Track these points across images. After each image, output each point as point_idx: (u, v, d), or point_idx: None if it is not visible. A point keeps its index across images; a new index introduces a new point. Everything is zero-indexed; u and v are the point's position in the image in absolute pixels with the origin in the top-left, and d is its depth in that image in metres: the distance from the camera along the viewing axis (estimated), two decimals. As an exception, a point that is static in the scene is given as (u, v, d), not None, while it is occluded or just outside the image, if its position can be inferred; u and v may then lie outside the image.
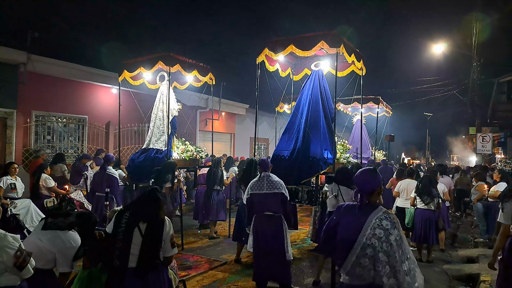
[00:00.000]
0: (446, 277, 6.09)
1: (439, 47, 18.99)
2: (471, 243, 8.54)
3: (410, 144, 40.03)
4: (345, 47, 6.27)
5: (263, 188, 4.96)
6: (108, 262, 3.12)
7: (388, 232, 2.50)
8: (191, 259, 6.62)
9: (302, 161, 6.52)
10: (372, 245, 2.50)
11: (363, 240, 2.54)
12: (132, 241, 3.06)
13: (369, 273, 2.50)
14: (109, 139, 12.28)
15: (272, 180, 5.00)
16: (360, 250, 2.54)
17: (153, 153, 7.75)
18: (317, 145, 6.61)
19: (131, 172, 8.06)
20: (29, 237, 3.25)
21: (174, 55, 7.40)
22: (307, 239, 7.94)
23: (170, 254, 3.27)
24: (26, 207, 5.99)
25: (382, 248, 2.47)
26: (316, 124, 6.82)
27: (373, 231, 2.53)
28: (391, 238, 2.48)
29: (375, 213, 2.60)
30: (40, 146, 10.42)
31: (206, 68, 8.11)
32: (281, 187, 4.97)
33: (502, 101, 14.32)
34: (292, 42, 6.34)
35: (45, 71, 10.41)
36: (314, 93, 7.14)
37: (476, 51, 17.46)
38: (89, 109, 11.93)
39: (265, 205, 4.94)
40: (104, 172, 7.35)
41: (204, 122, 16.22)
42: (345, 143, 8.25)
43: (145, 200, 3.26)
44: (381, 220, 2.55)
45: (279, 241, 4.86)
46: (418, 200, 6.82)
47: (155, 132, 8.04)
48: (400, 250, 2.48)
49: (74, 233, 3.24)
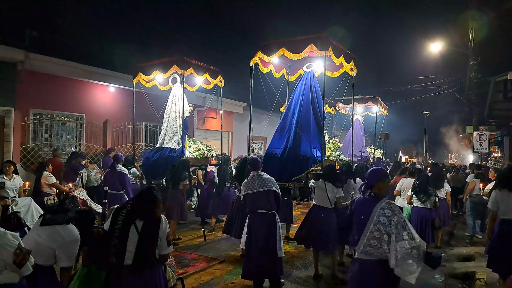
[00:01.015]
0: (442, 275, 6.14)
1: (436, 46, 19.03)
2: (468, 241, 8.64)
3: (408, 142, 40.15)
4: (333, 49, 6.44)
5: (255, 187, 5.06)
6: (105, 259, 3.15)
7: (390, 218, 3.16)
8: (188, 256, 6.66)
9: (293, 159, 6.77)
10: (378, 229, 3.18)
11: (371, 225, 3.22)
12: (128, 238, 3.09)
13: (378, 251, 3.17)
14: (107, 137, 12.28)
15: (263, 178, 5.10)
16: (369, 233, 3.22)
17: (167, 152, 8.14)
18: (307, 143, 6.85)
19: (146, 170, 8.34)
20: (28, 234, 3.27)
21: (188, 59, 7.82)
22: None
23: (166, 252, 3.30)
24: (27, 205, 6.00)
25: (386, 231, 3.14)
26: (307, 123, 7.06)
27: (378, 218, 3.20)
28: (392, 223, 3.14)
29: (379, 204, 3.26)
30: (38, 145, 10.43)
31: (216, 71, 8.58)
32: (272, 184, 5.08)
33: (499, 100, 14.34)
34: (284, 45, 6.57)
35: (43, 69, 10.38)
36: (305, 94, 7.36)
37: (473, 50, 17.52)
38: (87, 107, 11.92)
39: (258, 203, 5.05)
40: (114, 170, 7.54)
41: (201, 120, 16.22)
42: (337, 142, 8.48)
43: (142, 198, 3.29)
44: (384, 209, 3.22)
45: (272, 238, 4.97)
46: (414, 198, 6.88)
47: (168, 131, 8.49)
48: (397, 232, 3.09)
49: (72, 227, 3.26)
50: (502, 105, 15.08)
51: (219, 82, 8.78)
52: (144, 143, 13.55)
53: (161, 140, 8.56)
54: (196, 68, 7.99)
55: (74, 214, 3.36)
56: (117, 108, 12.73)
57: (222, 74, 8.78)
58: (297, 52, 6.53)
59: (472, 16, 17.10)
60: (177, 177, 7.34)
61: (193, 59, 8.11)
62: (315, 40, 6.31)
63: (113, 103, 12.73)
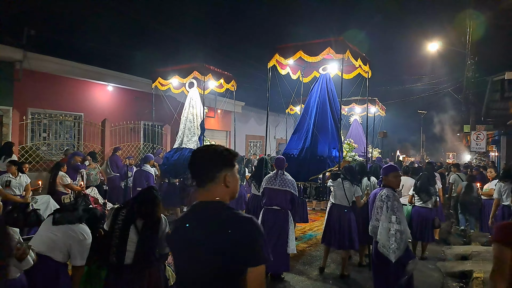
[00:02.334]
0: (439, 273, 6.18)
1: (434, 45, 19.07)
2: (462, 235, 8.78)
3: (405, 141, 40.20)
4: (351, 52, 6.59)
5: (276, 184, 5.42)
6: (105, 258, 3.16)
7: (384, 203, 3.80)
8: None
9: (310, 160, 6.96)
10: (377, 213, 3.85)
11: (374, 210, 3.93)
12: (129, 238, 3.09)
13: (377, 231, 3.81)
14: (105, 136, 12.27)
15: (285, 179, 5.44)
16: (373, 216, 3.96)
17: (187, 152, 8.60)
18: (324, 144, 7.03)
19: (167, 169, 8.79)
20: (40, 232, 3.30)
21: (207, 65, 8.39)
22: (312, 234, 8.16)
23: (166, 252, 3.32)
24: (46, 203, 6.32)
25: (379, 214, 3.81)
26: (324, 124, 7.24)
27: (377, 202, 3.90)
28: (384, 207, 3.78)
29: (380, 191, 3.94)
30: (36, 144, 10.42)
31: (230, 76, 9.21)
32: (292, 187, 5.40)
33: (496, 99, 14.34)
34: (301, 48, 6.74)
35: (41, 68, 10.37)
36: (322, 96, 7.54)
37: (471, 49, 17.56)
38: (85, 106, 11.92)
39: (274, 199, 5.39)
40: (141, 170, 8.20)
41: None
42: (351, 142, 8.57)
43: (142, 198, 3.29)
44: (382, 195, 3.86)
45: (283, 234, 5.27)
46: (416, 198, 6.90)
47: (187, 133, 9.04)
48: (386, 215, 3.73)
49: (84, 226, 3.33)
50: (499, 105, 15.12)
51: (232, 86, 9.37)
52: (143, 142, 13.55)
53: (179, 141, 9.11)
54: (213, 74, 8.62)
55: (82, 213, 3.42)
56: (115, 107, 12.73)
57: (236, 79, 9.39)
58: (315, 55, 6.71)
59: (470, 15, 17.13)
60: None
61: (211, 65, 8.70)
62: (332, 44, 6.46)
63: (112, 102, 12.72)
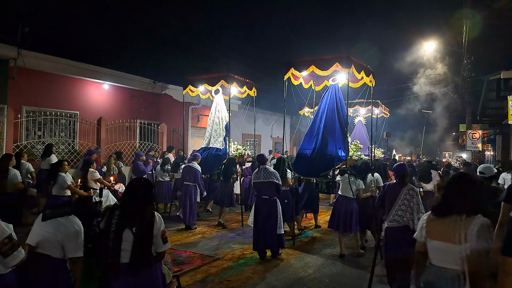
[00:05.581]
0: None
1: (430, 45, 19.13)
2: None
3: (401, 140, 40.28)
4: (355, 66, 7.53)
5: (260, 178, 6.57)
6: (101, 258, 3.12)
7: (412, 197, 4.70)
8: (183, 254, 6.65)
9: (321, 158, 7.93)
10: (404, 204, 4.69)
11: (399, 201, 4.72)
12: (123, 239, 3.03)
13: (402, 219, 4.65)
14: (101, 134, 12.22)
15: (268, 171, 6.58)
16: (398, 206, 4.72)
17: (214, 151, 9.91)
18: (332, 145, 7.98)
19: None
20: (33, 230, 3.30)
21: (232, 74, 9.49)
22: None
23: (162, 250, 3.26)
24: (106, 196, 7.20)
25: (409, 206, 4.66)
26: (332, 128, 8.23)
27: (404, 196, 4.72)
28: (413, 200, 4.68)
29: (405, 187, 4.78)
30: (31, 142, 10.35)
31: (251, 83, 10.24)
32: (275, 177, 6.54)
33: (492, 99, 14.41)
34: (313, 63, 7.72)
35: (35, 66, 10.31)
36: (331, 103, 8.54)
37: (467, 49, 17.60)
38: (80, 105, 11.86)
39: (262, 190, 6.59)
40: (189, 166, 8.90)
41: (196, 118, 16.15)
42: (358, 143, 9.42)
43: (135, 198, 3.21)
44: (409, 190, 4.74)
45: (272, 218, 6.48)
46: None
47: (213, 134, 10.20)
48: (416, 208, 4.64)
49: (74, 218, 3.35)
50: (495, 104, 15.20)
51: (253, 92, 10.33)
52: (138, 141, 13.50)
53: (207, 141, 10.32)
54: (238, 82, 9.67)
55: (74, 207, 3.46)
56: (111, 106, 12.67)
57: (256, 86, 10.43)
58: (325, 69, 7.63)
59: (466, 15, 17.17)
60: (229, 172, 9.29)
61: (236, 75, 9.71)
62: (339, 60, 7.41)
63: (107, 101, 12.66)
